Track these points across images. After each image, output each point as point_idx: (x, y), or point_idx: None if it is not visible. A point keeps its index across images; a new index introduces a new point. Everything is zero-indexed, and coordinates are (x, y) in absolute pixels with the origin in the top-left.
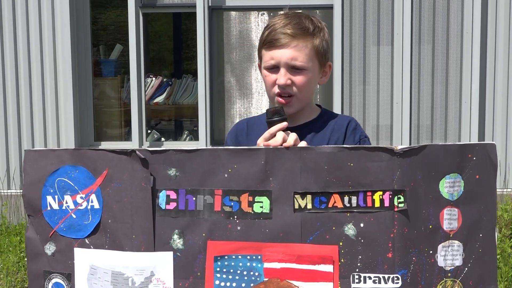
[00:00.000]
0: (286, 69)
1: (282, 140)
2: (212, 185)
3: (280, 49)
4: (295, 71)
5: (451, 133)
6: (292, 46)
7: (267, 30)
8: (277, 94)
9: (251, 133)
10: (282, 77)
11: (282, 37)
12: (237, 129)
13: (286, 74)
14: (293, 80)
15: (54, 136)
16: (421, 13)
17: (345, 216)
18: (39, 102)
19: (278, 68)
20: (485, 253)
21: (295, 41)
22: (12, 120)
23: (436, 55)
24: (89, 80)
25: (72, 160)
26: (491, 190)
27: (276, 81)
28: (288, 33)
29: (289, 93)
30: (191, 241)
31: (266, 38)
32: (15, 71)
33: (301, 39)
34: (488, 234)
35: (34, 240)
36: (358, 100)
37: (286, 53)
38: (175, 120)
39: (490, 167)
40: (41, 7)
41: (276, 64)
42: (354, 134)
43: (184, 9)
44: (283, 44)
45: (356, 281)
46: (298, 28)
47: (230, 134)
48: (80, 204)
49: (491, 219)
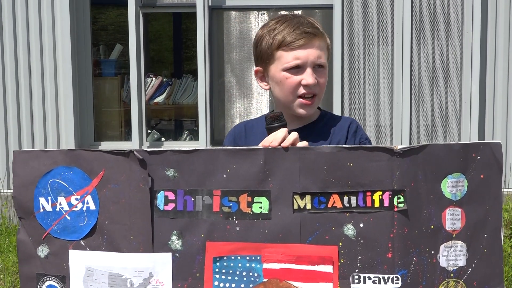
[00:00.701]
0: (311, 69)
1: (282, 139)
2: (211, 185)
3: (306, 49)
4: (317, 70)
5: (451, 133)
6: (316, 45)
7: (278, 32)
8: (301, 95)
9: (249, 136)
10: (310, 77)
11: (305, 36)
12: (235, 133)
13: (312, 74)
14: (318, 79)
15: (54, 136)
16: (421, 13)
17: (344, 216)
18: (39, 102)
19: (300, 68)
20: (490, 253)
21: (316, 40)
22: (12, 120)
23: (436, 55)
24: (89, 80)
25: (66, 161)
26: (497, 190)
27: (303, 81)
28: (310, 31)
29: (314, 92)
30: (190, 242)
31: (283, 39)
32: (15, 71)
33: (321, 37)
34: (494, 234)
35: (26, 243)
36: (358, 100)
37: (312, 52)
38: (175, 120)
39: (495, 166)
40: (41, 7)
41: (302, 63)
42: (355, 136)
43: (184, 9)
44: (307, 43)
45: (356, 281)
46: (314, 27)
47: (228, 137)
48: (75, 205)
49: (497, 219)
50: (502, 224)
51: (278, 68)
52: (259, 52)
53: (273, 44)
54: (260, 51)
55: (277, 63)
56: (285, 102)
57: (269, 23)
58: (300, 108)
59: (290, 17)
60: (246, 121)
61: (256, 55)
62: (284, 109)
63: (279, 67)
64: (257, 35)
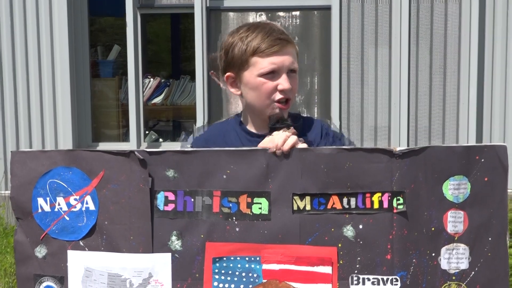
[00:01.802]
0: (286, 74)
1: (282, 143)
2: (211, 186)
3: (280, 55)
4: (290, 76)
5: (449, 134)
6: (289, 51)
7: (251, 39)
8: (277, 100)
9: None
10: (286, 82)
11: (279, 42)
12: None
13: (287, 79)
14: (291, 84)
15: (52, 136)
16: (419, 15)
17: (344, 217)
18: (36, 102)
19: (276, 74)
20: (495, 257)
21: (289, 46)
22: (9, 121)
23: (433, 56)
24: (87, 81)
25: (65, 161)
26: (502, 193)
27: (279, 87)
28: (283, 38)
29: (289, 97)
30: (190, 243)
31: (259, 46)
32: (13, 71)
33: (292, 44)
34: (498, 238)
35: (23, 243)
36: (356, 101)
37: (287, 58)
38: (173, 121)
39: (500, 169)
40: (39, 8)
41: (278, 69)
42: (328, 133)
43: (182, 10)
44: (281, 50)
45: (355, 282)
46: (286, 34)
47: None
48: (74, 206)
49: (502, 223)
50: (507, 228)
51: (253, 73)
52: (231, 59)
53: (248, 51)
54: (233, 57)
55: (252, 69)
56: (260, 107)
57: (239, 30)
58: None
59: (261, 24)
60: (215, 124)
61: (227, 61)
62: (257, 114)
63: (254, 73)
64: (226, 42)
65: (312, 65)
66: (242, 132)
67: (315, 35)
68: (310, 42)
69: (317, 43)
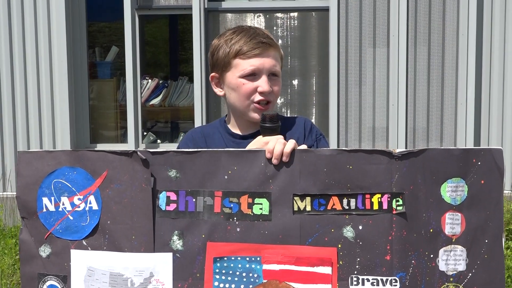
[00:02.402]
0: (267, 77)
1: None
2: (212, 186)
3: (262, 58)
4: (272, 79)
5: (447, 135)
6: (271, 54)
7: (235, 41)
8: (256, 101)
9: (209, 142)
10: (265, 84)
11: (261, 46)
12: (194, 138)
13: (268, 81)
14: (272, 87)
15: (49, 138)
16: (417, 15)
17: (343, 218)
18: (34, 104)
19: (256, 76)
20: (491, 259)
21: (272, 50)
22: (7, 122)
23: (431, 57)
24: (85, 82)
25: (70, 161)
26: (498, 196)
27: (259, 89)
28: (265, 41)
29: (269, 99)
30: (191, 242)
31: (241, 48)
32: (11, 73)
33: (275, 48)
34: (495, 240)
35: (28, 243)
36: (354, 102)
37: (268, 61)
38: (171, 122)
39: (496, 172)
40: (37, 9)
41: (257, 71)
42: (311, 132)
43: (180, 11)
44: (262, 53)
45: (355, 283)
46: (269, 38)
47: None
48: (77, 205)
49: (498, 225)
50: (503, 230)
51: (235, 75)
52: (216, 60)
53: (230, 53)
54: (217, 59)
55: (234, 70)
56: (241, 107)
57: (225, 33)
58: (254, 113)
59: (246, 28)
60: (201, 127)
61: (212, 62)
62: (239, 115)
63: (235, 74)
64: (213, 44)
65: (310, 66)
66: (226, 134)
67: (313, 36)
68: (308, 43)
69: (315, 44)
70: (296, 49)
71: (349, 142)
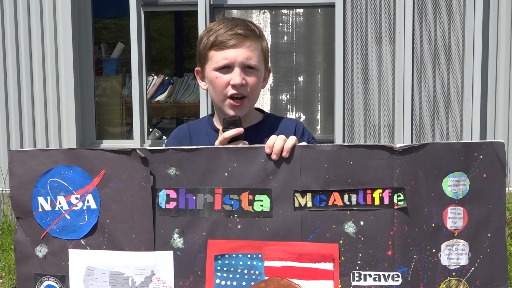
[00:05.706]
0: (241, 69)
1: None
2: (212, 184)
3: (235, 49)
4: (247, 71)
5: (452, 131)
6: (246, 46)
7: (213, 32)
8: (230, 95)
9: (194, 138)
10: (238, 76)
11: (235, 37)
12: (180, 135)
13: (241, 74)
14: (247, 80)
15: (55, 134)
16: (422, 12)
17: (345, 214)
18: (40, 100)
19: (230, 69)
20: (494, 253)
21: (248, 41)
22: (13, 119)
23: (437, 54)
24: (91, 79)
25: (66, 160)
26: (500, 189)
27: (231, 82)
28: (240, 33)
29: (242, 94)
30: (192, 240)
31: (215, 40)
32: (17, 69)
33: (253, 40)
34: (497, 234)
35: (23, 243)
36: (359, 98)
37: (241, 52)
38: (176, 118)
39: (498, 166)
40: (43, 6)
41: (230, 63)
42: (303, 136)
43: (186, 7)
44: (237, 44)
45: (356, 279)
46: (248, 29)
47: (172, 140)
48: (75, 204)
49: (500, 219)
50: (506, 224)
51: (210, 67)
52: (198, 53)
53: (207, 45)
54: (199, 51)
55: (210, 63)
56: (217, 102)
57: (210, 25)
58: (229, 109)
59: (229, 19)
60: (188, 123)
61: (196, 55)
62: (219, 109)
63: (211, 67)
64: (199, 36)
65: (316, 62)
66: (211, 130)
67: (318, 33)
68: (314, 39)
69: (321, 41)
70: (302, 46)
71: (354, 139)
